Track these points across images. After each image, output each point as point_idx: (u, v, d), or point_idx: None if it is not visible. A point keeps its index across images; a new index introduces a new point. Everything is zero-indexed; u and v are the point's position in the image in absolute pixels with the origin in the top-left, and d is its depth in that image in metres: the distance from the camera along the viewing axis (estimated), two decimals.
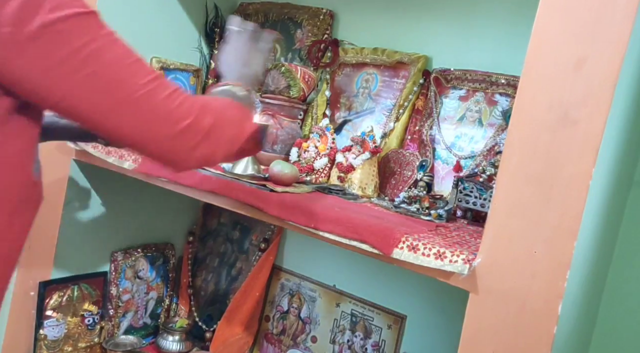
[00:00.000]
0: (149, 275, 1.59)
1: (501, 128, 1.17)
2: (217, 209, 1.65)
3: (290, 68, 1.34)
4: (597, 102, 0.67)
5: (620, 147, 1.13)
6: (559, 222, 0.69)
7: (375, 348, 1.38)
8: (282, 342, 1.53)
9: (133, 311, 1.55)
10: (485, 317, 0.75)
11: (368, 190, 1.19)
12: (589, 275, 1.16)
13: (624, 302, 1.26)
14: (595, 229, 1.12)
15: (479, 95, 1.22)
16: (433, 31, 1.34)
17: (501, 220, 0.74)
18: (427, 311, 1.32)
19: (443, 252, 0.79)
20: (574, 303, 1.13)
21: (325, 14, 1.48)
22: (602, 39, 0.67)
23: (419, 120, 1.29)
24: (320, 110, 1.43)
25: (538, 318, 0.71)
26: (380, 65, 1.37)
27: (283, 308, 1.54)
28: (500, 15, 1.24)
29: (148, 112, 0.66)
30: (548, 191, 0.70)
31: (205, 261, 1.68)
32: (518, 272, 0.72)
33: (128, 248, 1.54)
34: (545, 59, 0.71)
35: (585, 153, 0.68)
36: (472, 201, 1.06)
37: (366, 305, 1.40)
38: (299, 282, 1.52)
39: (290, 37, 1.53)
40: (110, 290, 1.48)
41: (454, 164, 1.21)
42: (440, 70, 1.28)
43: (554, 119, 0.70)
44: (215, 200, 1.08)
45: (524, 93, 0.72)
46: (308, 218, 0.94)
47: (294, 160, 1.28)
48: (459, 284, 0.78)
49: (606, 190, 1.12)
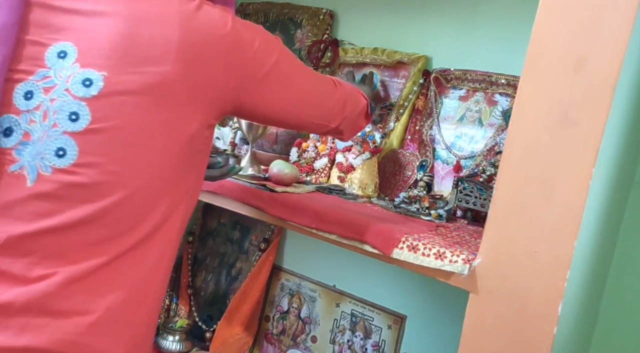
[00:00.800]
0: None
1: (501, 128, 1.17)
2: (217, 209, 1.65)
3: None
4: (597, 102, 0.67)
5: (620, 147, 1.13)
6: (559, 222, 0.69)
7: (375, 349, 1.38)
8: (282, 342, 1.53)
9: None
10: (485, 317, 0.75)
11: (368, 190, 1.19)
12: (589, 275, 1.16)
13: (624, 302, 1.26)
14: (595, 229, 1.12)
15: (479, 95, 1.22)
16: (433, 31, 1.34)
17: (501, 220, 0.74)
18: (427, 311, 1.32)
19: (443, 252, 0.79)
20: (574, 303, 1.13)
21: (325, 14, 1.48)
22: (602, 39, 0.67)
23: (419, 120, 1.29)
24: None
25: (538, 318, 0.71)
26: (380, 65, 1.37)
27: (283, 308, 1.54)
28: (500, 16, 1.24)
29: (321, 111, 0.90)
30: (548, 191, 0.70)
31: (205, 261, 1.68)
32: (518, 272, 0.72)
33: None
34: (545, 59, 0.71)
35: (585, 153, 0.68)
36: (472, 201, 1.06)
37: (366, 305, 1.40)
38: (299, 282, 1.52)
39: (290, 37, 1.53)
40: None
41: (454, 164, 1.21)
42: (440, 70, 1.28)
43: (554, 119, 0.70)
44: (215, 200, 1.08)
45: (524, 93, 0.72)
46: (308, 218, 0.94)
47: (294, 160, 1.28)
48: (459, 284, 0.78)
49: (606, 190, 1.12)
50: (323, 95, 0.90)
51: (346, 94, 0.95)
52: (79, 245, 0.66)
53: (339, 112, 0.93)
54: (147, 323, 0.71)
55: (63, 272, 0.64)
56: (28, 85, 0.70)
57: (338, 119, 0.94)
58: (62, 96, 0.68)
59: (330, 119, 0.92)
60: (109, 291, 0.66)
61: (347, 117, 0.95)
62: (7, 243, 0.64)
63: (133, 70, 0.68)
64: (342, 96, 0.93)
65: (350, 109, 0.96)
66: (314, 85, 0.88)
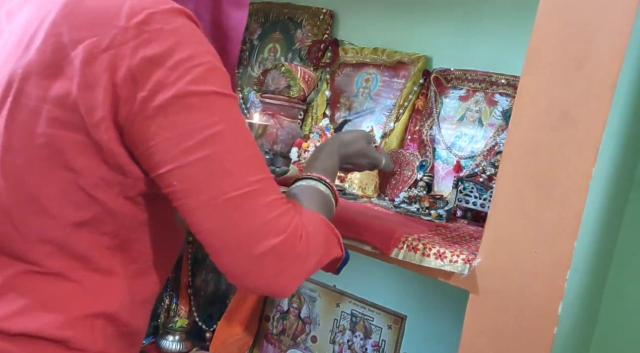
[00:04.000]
0: None
1: (501, 128, 1.17)
2: None
3: (290, 68, 1.34)
4: (597, 102, 0.67)
5: (620, 147, 1.13)
6: (559, 222, 0.69)
7: (375, 349, 1.38)
8: (282, 342, 1.53)
9: None
10: (485, 317, 0.75)
11: (368, 190, 1.19)
12: (589, 275, 1.16)
13: (624, 302, 1.26)
14: (595, 229, 1.12)
15: (479, 95, 1.22)
16: (433, 31, 1.34)
17: (501, 220, 0.74)
18: (427, 311, 1.32)
19: (443, 252, 0.79)
20: (574, 303, 1.13)
21: (325, 14, 1.48)
22: (602, 39, 0.67)
23: (419, 120, 1.29)
24: (320, 110, 1.43)
25: (538, 319, 0.71)
26: (380, 65, 1.37)
27: (283, 308, 1.54)
28: (500, 16, 1.24)
29: (243, 214, 0.59)
30: (548, 191, 0.70)
31: (205, 261, 1.68)
32: (518, 272, 0.72)
33: None
34: (545, 59, 0.71)
35: (585, 153, 0.68)
36: (472, 201, 1.06)
37: (366, 305, 1.40)
38: None
39: (290, 37, 1.53)
40: None
41: (454, 164, 1.20)
42: (440, 70, 1.28)
43: (554, 119, 0.70)
44: None
45: (524, 93, 0.72)
46: None
47: (294, 160, 1.28)
48: (459, 284, 0.78)
49: (606, 190, 1.12)
50: (259, 212, 0.60)
51: (311, 243, 0.65)
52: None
53: (286, 267, 0.61)
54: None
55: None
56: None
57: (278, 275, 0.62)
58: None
59: (250, 265, 0.60)
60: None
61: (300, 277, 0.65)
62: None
63: (4, 61, 0.63)
64: (297, 247, 0.62)
65: (310, 266, 0.66)
66: (255, 183, 0.60)
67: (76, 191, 0.61)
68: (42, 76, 0.59)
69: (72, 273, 0.64)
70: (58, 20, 0.59)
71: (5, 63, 0.62)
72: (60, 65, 0.58)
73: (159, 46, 0.57)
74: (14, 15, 0.67)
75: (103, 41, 0.57)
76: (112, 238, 0.65)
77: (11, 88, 0.60)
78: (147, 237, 0.69)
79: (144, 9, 0.58)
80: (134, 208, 0.65)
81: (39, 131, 0.59)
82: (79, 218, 0.62)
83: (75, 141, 0.59)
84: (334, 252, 0.73)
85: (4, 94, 0.61)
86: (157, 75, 0.57)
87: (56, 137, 0.59)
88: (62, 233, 0.62)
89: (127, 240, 0.67)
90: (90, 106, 0.58)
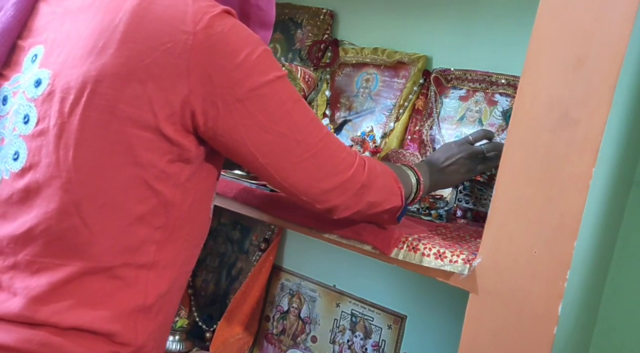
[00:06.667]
0: None
1: (501, 128, 1.17)
2: (217, 209, 1.65)
3: (291, 68, 1.33)
4: (597, 102, 0.67)
5: (620, 147, 1.13)
6: (559, 222, 0.69)
7: (375, 348, 1.38)
8: (282, 342, 1.53)
9: None
10: (485, 317, 0.75)
11: None
12: (589, 275, 1.16)
13: (624, 302, 1.26)
14: (595, 229, 1.12)
15: (479, 95, 1.22)
16: (433, 31, 1.34)
17: (501, 220, 0.74)
18: (427, 311, 1.32)
19: (443, 252, 0.79)
20: (574, 303, 1.13)
21: (325, 14, 1.48)
22: (602, 39, 0.67)
23: (419, 120, 1.29)
24: (320, 110, 1.43)
25: (538, 318, 0.71)
26: (381, 65, 1.37)
27: (283, 308, 1.54)
28: (501, 16, 1.24)
29: (317, 166, 0.72)
30: (548, 191, 0.70)
31: (205, 261, 1.68)
32: (518, 272, 0.72)
33: None
34: (545, 59, 0.71)
35: (585, 153, 0.68)
36: (472, 201, 1.06)
37: (366, 305, 1.40)
38: (299, 282, 1.52)
39: (290, 37, 1.53)
40: None
41: None
42: (440, 70, 1.28)
43: (554, 119, 0.70)
44: (215, 200, 1.08)
45: (524, 93, 0.72)
46: (308, 218, 0.94)
47: None
48: (459, 284, 0.78)
49: (606, 190, 1.12)
50: (327, 162, 0.73)
51: (373, 181, 0.77)
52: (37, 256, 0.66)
53: (349, 198, 0.75)
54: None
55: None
56: (4, 91, 0.70)
57: (341, 205, 0.76)
58: (20, 99, 0.67)
59: (324, 198, 0.74)
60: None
61: (360, 210, 0.78)
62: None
63: (75, 64, 0.64)
64: (361, 180, 0.75)
65: (369, 200, 0.77)
66: (319, 142, 0.72)
67: (140, 184, 0.66)
68: (116, 78, 0.63)
69: (121, 269, 0.68)
70: (130, 28, 0.63)
71: (78, 66, 0.65)
72: (134, 69, 0.63)
73: (227, 46, 0.64)
74: (72, 18, 0.69)
75: (176, 47, 0.62)
76: (162, 232, 0.70)
77: (85, 88, 0.64)
78: (189, 223, 0.74)
79: (205, 14, 0.63)
80: (183, 195, 0.71)
81: (112, 129, 0.64)
82: (139, 212, 0.67)
83: (145, 138, 0.64)
84: (394, 199, 0.81)
85: (78, 93, 0.64)
86: (230, 73, 0.64)
87: (128, 135, 0.64)
88: (123, 225, 0.67)
89: (174, 232, 0.72)
90: (163, 105, 0.64)
